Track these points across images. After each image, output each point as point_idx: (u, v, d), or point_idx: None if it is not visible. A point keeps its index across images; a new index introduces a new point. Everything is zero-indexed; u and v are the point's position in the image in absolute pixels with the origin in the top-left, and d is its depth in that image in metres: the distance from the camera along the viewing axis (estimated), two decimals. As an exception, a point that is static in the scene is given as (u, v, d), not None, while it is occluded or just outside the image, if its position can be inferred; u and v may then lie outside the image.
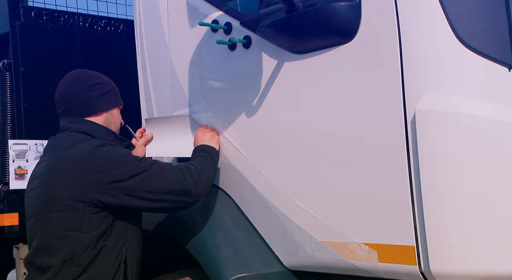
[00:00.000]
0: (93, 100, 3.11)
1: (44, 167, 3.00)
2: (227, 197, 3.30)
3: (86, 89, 3.11)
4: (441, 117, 2.46)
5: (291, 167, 2.96)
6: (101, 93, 3.14)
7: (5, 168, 4.25)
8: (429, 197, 2.47)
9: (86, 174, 2.84)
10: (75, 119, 3.08)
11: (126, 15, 5.10)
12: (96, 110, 3.12)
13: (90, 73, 3.23)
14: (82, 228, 2.84)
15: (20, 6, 4.38)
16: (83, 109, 3.10)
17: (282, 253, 3.06)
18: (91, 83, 3.14)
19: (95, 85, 3.14)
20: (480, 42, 2.53)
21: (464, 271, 2.46)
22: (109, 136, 3.11)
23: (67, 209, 2.84)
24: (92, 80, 3.15)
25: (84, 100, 3.10)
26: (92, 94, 3.11)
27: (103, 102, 3.15)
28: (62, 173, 2.88)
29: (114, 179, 2.85)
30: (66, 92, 3.14)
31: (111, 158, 2.89)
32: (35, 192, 2.97)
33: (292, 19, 2.85)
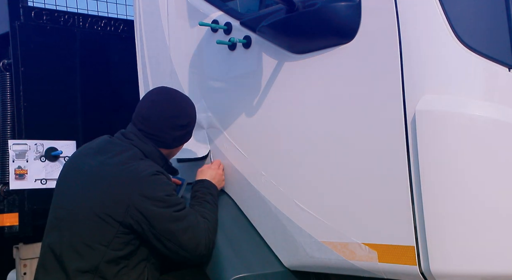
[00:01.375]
0: (172, 140, 3.13)
1: (94, 168, 2.98)
2: (227, 197, 3.30)
3: (174, 128, 3.11)
4: (441, 117, 2.46)
5: (291, 167, 2.96)
6: (183, 134, 3.16)
7: (5, 168, 4.25)
8: (429, 197, 2.47)
9: (131, 198, 2.86)
10: (142, 137, 3.07)
11: (126, 15, 5.10)
12: (169, 147, 3.16)
13: (184, 108, 3.17)
14: (111, 245, 2.87)
15: (20, 6, 4.38)
16: (160, 141, 3.10)
17: (282, 253, 3.06)
18: (180, 123, 3.12)
19: (182, 126, 3.13)
20: (480, 42, 2.53)
21: (464, 271, 2.46)
22: (161, 162, 3.11)
23: (102, 222, 2.86)
24: (183, 120, 3.13)
25: (166, 136, 3.11)
26: (175, 134, 3.12)
27: (181, 142, 3.20)
28: (109, 187, 2.89)
29: (150, 215, 2.86)
30: (156, 119, 3.10)
31: (158, 193, 2.90)
32: (78, 189, 2.98)
33: (292, 19, 2.85)
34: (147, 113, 3.12)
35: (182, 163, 3.53)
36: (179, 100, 3.19)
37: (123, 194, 2.87)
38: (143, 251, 2.96)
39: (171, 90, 3.25)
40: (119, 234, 2.87)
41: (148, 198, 2.86)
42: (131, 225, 2.87)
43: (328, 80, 2.81)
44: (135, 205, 2.85)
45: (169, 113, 3.12)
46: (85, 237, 2.89)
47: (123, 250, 2.90)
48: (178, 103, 3.18)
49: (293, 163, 2.95)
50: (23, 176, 4.20)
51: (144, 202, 2.86)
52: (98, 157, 3.02)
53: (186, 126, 3.15)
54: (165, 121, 3.10)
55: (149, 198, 2.87)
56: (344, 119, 2.75)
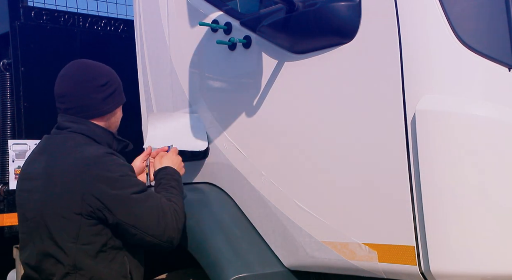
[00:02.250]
0: (100, 103, 2.97)
1: (41, 169, 2.89)
2: (227, 197, 3.30)
3: (94, 90, 2.95)
4: (441, 117, 2.46)
5: (291, 167, 2.96)
6: (107, 94, 2.98)
7: (5, 168, 4.26)
8: (429, 197, 2.47)
9: (84, 186, 2.74)
10: (75, 119, 2.94)
11: (126, 15, 5.11)
12: (102, 113, 2.99)
13: (96, 70, 3.03)
14: (79, 240, 2.77)
15: (20, 6, 4.39)
16: (89, 111, 2.95)
17: (282, 253, 3.06)
18: (98, 83, 2.96)
19: (102, 86, 2.97)
20: (480, 42, 2.53)
21: (464, 271, 2.46)
22: (108, 138, 3.01)
23: (66, 220, 2.76)
24: (98, 80, 2.97)
25: (91, 102, 2.95)
26: (99, 96, 2.96)
27: (109, 104, 3.01)
28: (61, 182, 2.78)
29: (107, 197, 2.75)
30: (72, 90, 2.96)
31: (111, 173, 2.78)
32: (34, 196, 2.87)
33: (292, 19, 2.85)
34: (62, 89, 2.98)
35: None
36: (90, 65, 3.08)
37: (75, 184, 2.75)
38: (116, 241, 2.84)
39: (80, 60, 3.14)
40: (84, 227, 2.76)
41: (100, 181, 2.74)
42: (91, 214, 2.75)
43: (328, 80, 2.81)
44: (90, 191, 2.73)
45: (82, 78, 2.97)
46: (57, 239, 2.79)
47: (95, 243, 2.79)
48: (88, 66, 3.04)
49: (293, 163, 2.95)
50: (23, 176, 4.20)
51: (96, 185, 2.73)
52: (42, 158, 2.92)
53: (106, 85, 2.98)
54: (82, 87, 2.94)
55: (101, 180, 2.74)
56: (344, 119, 2.74)
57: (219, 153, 3.31)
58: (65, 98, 2.97)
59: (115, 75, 3.08)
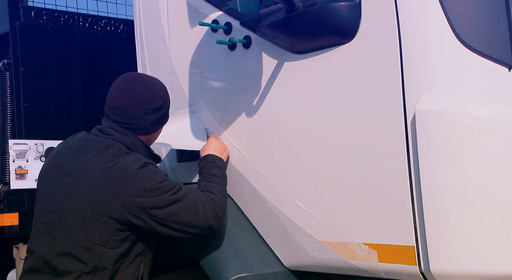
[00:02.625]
0: (150, 125, 3.07)
1: (77, 168, 2.93)
2: (227, 197, 3.30)
3: (148, 112, 3.03)
4: (441, 117, 2.46)
5: (291, 167, 2.96)
6: (159, 116, 3.08)
7: (5, 168, 4.25)
8: (429, 197, 2.47)
9: (125, 194, 2.83)
10: (121, 129, 3.01)
11: (126, 15, 5.11)
12: (149, 132, 3.10)
13: (155, 91, 3.10)
14: (108, 244, 2.85)
15: (20, 6, 4.39)
16: (137, 129, 3.04)
17: (282, 253, 3.06)
18: (154, 107, 3.05)
19: (157, 110, 3.06)
20: (480, 42, 2.53)
21: (464, 271, 2.46)
22: (144, 151, 3.06)
23: (98, 222, 2.83)
24: (155, 103, 3.05)
25: (143, 123, 3.04)
26: (151, 118, 3.05)
27: (158, 125, 3.12)
28: (100, 186, 2.85)
29: (149, 206, 2.85)
30: (128, 107, 3.03)
31: (150, 183, 2.87)
32: (64, 191, 2.92)
33: (292, 19, 2.85)
34: (118, 103, 3.05)
35: (182, 163, 3.53)
36: (148, 84, 3.13)
37: (115, 192, 2.83)
38: (139, 246, 2.95)
39: (138, 74, 3.22)
40: (115, 232, 2.85)
41: (142, 191, 2.84)
42: (129, 221, 2.85)
43: (328, 80, 2.80)
44: (131, 200, 2.83)
45: (140, 98, 3.04)
46: (82, 240, 2.85)
47: (120, 247, 2.88)
48: (147, 87, 3.10)
49: (293, 163, 2.95)
50: (23, 176, 4.21)
51: (139, 196, 2.83)
52: (80, 157, 2.96)
53: (160, 109, 3.08)
54: (138, 107, 3.03)
55: (143, 190, 2.84)
56: (344, 119, 2.74)
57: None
58: (119, 111, 3.04)
59: (168, 95, 3.16)
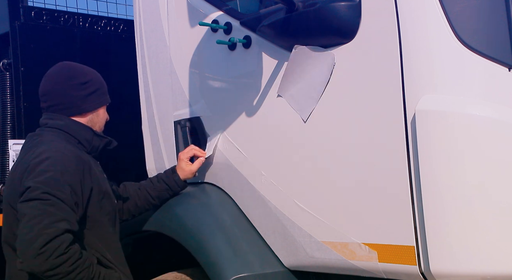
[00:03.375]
0: (79, 101, 3.02)
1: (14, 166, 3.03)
2: (227, 197, 3.30)
3: (72, 88, 3.01)
4: (441, 117, 2.46)
5: (291, 167, 2.96)
6: (87, 93, 3.03)
7: (5, 168, 4.25)
8: (429, 197, 2.47)
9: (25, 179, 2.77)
10: (54, 115, 3.01)
11: (126, 15, 5.10)
12: (81, 111, 3.03)
13: (78, 69, 3.11)
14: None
15: (20, 6, 4.38)
16: (69, 109, 3.01)
17: (282, 253, 3.06)
18: (78, 81, 3.02)
19: (82, 85, 3.02)
20: (480, 42, 2.52)
21: (464, 271, 2.46)
22: (86, 133, 3.01)
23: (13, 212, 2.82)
24: (79, 79, 3.03)
25: (69, 99, 3.01)
26: (78, 94, 3.01)
27: (89, 103, 3.05)
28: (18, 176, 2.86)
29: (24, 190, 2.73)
30: (51, 88, 3.04)
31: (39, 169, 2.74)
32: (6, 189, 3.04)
33: (292, 19, 2.85)
34: (44, 88, 3.07)
35: (182, 163, 3.53)
36: (72, 65, 3.14)
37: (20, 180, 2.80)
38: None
39: (64, 62, 3.19)
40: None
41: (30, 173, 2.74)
42: None
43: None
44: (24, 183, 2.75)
45: (62, 76, 3.04)
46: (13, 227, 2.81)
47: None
48: (70, 66, 3.12)
49: (293, 163, 2.95)
50: (23, 176, 4.20)
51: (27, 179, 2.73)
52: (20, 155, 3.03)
53: (87, 84, 3.03)
54: (61, 85, 3.01)
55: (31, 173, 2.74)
56: (344, 119, 2.74)
57: (219, 153, 3.31)
58: (46, 96, 3.06)
59: (98, 76, 3.12)
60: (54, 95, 3.03)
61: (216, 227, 3.19)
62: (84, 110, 3.04)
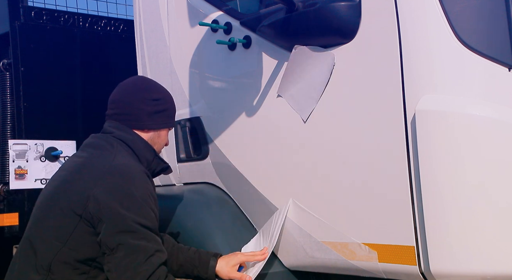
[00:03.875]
0: (145, 116, 2.84)
1: (73, 164, 2.76)
2: (227, 197, 3.30)
3: (143, 101, 2.84)
4: (441, 117, 2.46)
5: (291, 167, 2.96)
6: (155, 110, 2.87)
7: (5, 168, 4.26)
8: (429, 197, 2.47)
9: (96, 188, 2.55)
10: (119, 125, 2.83)
11: (126, 15, 5.11)
12: (143, 126, 2.85)
13: (153, 85, 2.97)
14: (68, 242, 2.56)
15: (20, 6, 4.39)
16: (132, 120, 2.84)
17: (282, 253, 3.06)
18: (149, 97, 2.86)
19: (153, 101, 2.86)
20: (480, 42, 2.52)
21: (464, 271, 2.46)
22: (148, 153, 2.83)
23: (65, 217, 2.58)
24: (151, 94, 2.87)
25: (134, 112, 2.84)
26: (145, 109, 2.84)
27: (154, 121, 2.87)
28: (79, 178, 2.63)
29: (106, 212, 2.53)
30: (121, 97, 2.88)
31: (129, 190, 2.57)
32: (53, 185, 2.75)
33: (292, 19, 2.85)
34: (114, 96, 2.90)
35: (182, 163, 3.53)
36: (149, 80, 3.05)
37: (86, 184, 2.58)
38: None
39: (142, 76, 3.13)
40: (78, 231, 2.55)
41: (112, 191, 2.54)
42: (90, 219, 2.54)
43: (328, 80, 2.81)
44: (97, 196, 2.53)
45: (136, 88, 2.90)
46: (44, 233, 2.61)
47: (80, 252, 2.57)
48: (146, 80, 3.03)
49: (293, 163, 2.95)
50: (23, 176, 4.21)
51: (107, 193, 2.53)
52: (82, 154, 2.80)
53: (159, 101, 2.88)
54: (132, 95, 2.86)
55: (114, 191, 2.54)
56: (344, 118, 2.74)
57: (219, 153, 3.31)
58: (115, 104, 2.88)
59: (171, 98, 2.98)
60: (123, 104, 2.86)
61: (216, 227, 3.19)
62: (148, 126, 2.86)
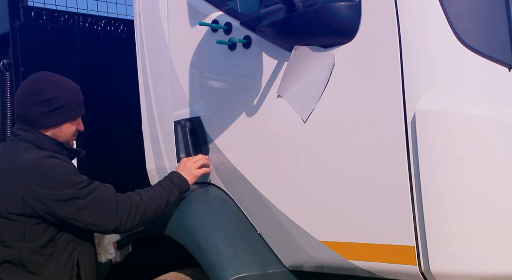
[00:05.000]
0: (39, 117, 3.10)
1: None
2: (227, 197, 3.30)
3: (35, 104, 3.10)
4: (441, 117, 2.46)
5: (291, 167, 2.96)
6: (49, 109, 3.11)
7: (5, 168, 4.25)
8: (429, 197, 2.47)
9: (24, 187, 2.89)
10: (25, 127, 3.12)
11: (126, 15, 5.10)
12: (41, 126, 3.12)
13: (46, 85, 3.17)
14: (26, 239, 2.93)
15: (20, 6, 4.38)
16: (31, 122, 3.12)
17: (282, 253, 3.06)
18: (42, 98, 3.10)
19: (45, 101, 3.10)
20: (480, 42, 2.52)
21: (464, 271, 2.46)
22: (55, 147, 3.12)
23: (10, 221, 2.92)
24: (43, 95, 3.11)
25: (31, 114, 3.11)
26: (39, 110, 3.10)
27: (50, 119, 3.12)
28: (2, 184, 2.95)
29: (47, 199, 2.89)
30: (18, 99, 3.21)
31: (52, 175, 2.92)
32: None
33: (292, 19, 2.85)
34: (16, 96, 3.24)
35: (182, 163, 3.53)
36: (46, 78, 3.22)
37: (14, 187, 2.91)
38: (65, 235, 3.00)
39: (41, 72, 3.28)
40: (29, 226, 2.92)
41: (38, 184, 2.89)
42: (34, 214, 2.90)
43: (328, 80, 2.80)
44: (30, 194, 2.88)
45: (30, 90, 3.16)
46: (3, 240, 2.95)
47: (40, 239, 2.93)
48: (43, 80, 3.20)
49: (293, 163, 2.95)
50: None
51: (36, 189, 2.88)
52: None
53: (50, 101, 3.10)
54: (26, 98, 3.13)
55: (39, 183, 2.89)
56: (344, 118, 2.74)
57: (219, 153, 3.31)
58: (16, 105, 3.25)
59: (66, 93, 3.18)
60: (20, 107, 3.18)
61: (216, 227, 3.20)
62: (44, 125, 3.13)
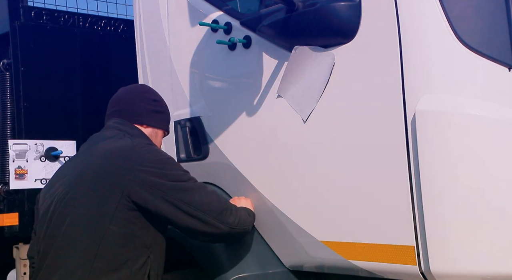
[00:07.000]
0: (144, 112, 3.03)
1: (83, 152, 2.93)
2: (227, 197, 3.30)
3: (141, 99, 3.06)
4: (441, 117, 2.46)
5: (291, 167, 2.96)
6: (154, 109, 3.08)
7: (5, 168, 4.25)
8: (429, 197, 2.47)
9: (131, 164, 2.70)
10: (124, 122, 2.99)
11: (126, 15, 5.10)
12: (143, 121, 3.03)
13: (152, 90, 3.22)
14: (113, 220, 2.65)
15: (20, 6, 4.39)
16: (132, 115, 3.01)
17: (282, 253, 3.06)
18: (149, 97, 3.09)
19: (152, 101, 3.09)
20: (480, 42, 2.53)
21: (464, 271, 2.46)
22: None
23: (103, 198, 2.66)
24: (150, 95, 3.11)
25: (135, 108, 3.03)
26: (145, 106, 3.05)
27: (153, 118, 3.06)
28: (106, 158, 2.75)
29: (157, 177, 2.70)
30: (121, 96, 3.10)
31: (159, 157, 2.80)
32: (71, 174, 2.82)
33: (292, 19, 2.85)
34: (115, 97, 3.13)
35: (182, 163, 3.53)
36: (148, 86, 3.32)
37: (125, 164, 2.71)
38: (146, 236, 2.72)
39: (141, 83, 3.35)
40: (120, 207, 2.65)
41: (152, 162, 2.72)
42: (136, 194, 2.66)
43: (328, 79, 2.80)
44: (140, 173, 2.69)
45: (137, 89, 3.18)
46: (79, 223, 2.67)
47: (125, 228, 2.66)
48: (146, 86, 3.30)
49: (293, 163, 2.95)
50: (23, 176, 4.21)
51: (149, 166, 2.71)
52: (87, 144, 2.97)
53: (157, 103, 3.10)
54: (133, 94, 3.09)
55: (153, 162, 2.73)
56: (344, 118, 2.74)
57: (219, 153, 3.31)
58: (115, 102, 3.09)
59: (167, 106, 3.20)
60: (124, 101, 3.07)
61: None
62: (147, 122, 3.05)
